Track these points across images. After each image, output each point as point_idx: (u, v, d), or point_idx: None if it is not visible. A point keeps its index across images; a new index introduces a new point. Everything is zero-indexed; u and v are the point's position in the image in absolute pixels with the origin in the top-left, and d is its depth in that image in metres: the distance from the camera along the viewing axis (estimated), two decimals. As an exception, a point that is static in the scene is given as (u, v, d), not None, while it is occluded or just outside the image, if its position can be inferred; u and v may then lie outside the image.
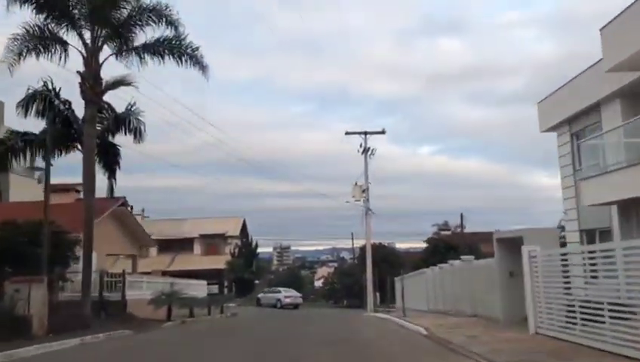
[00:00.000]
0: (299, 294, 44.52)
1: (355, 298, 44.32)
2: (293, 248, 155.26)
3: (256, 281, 57.49)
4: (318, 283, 79.51)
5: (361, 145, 30.30)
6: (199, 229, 53.73)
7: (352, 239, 57.32)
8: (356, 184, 30.32)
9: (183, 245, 54.08)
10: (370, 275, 30.34)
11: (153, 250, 53.22)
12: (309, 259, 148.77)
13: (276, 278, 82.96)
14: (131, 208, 32.34)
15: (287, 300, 42.35)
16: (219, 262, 49.22)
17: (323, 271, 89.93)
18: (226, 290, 49.42)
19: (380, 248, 49.86)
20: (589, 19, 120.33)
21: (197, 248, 53.29)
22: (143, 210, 58.59)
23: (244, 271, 46.72)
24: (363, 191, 30.24)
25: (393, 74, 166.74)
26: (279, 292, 44.01)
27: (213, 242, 52.97)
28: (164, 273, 47.60)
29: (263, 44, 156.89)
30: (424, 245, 49.26)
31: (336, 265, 70.53)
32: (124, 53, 18.08)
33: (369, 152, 29.89)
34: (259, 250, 63.88)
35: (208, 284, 50.23)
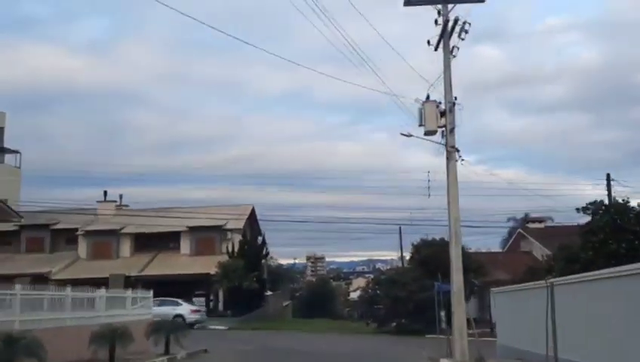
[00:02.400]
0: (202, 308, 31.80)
1: (410, 318, 28.95)
2: (328, 259, 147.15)
3: (269, 293, 42.53)
4: (355, 295, 64.50)
5: (437, 23, 15.15)
6: (189, 220, 39.32)
7: (400, 238, 41.89)
8: (427, 100, 15.08)
9: (166, 242, 39.74)
10: (460, 275, 14.94)
11: (125, 249, 39.02)
12: (344, 270, 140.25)
13: (306, 289, 68.51)
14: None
15: (193, 316, 29.09)
16: (213, 265, 34.48)
17: (359, 283, 75.00)
18: (219, 305, 34.74)
19: (438, 245, 34.56)
20: (633, 24, 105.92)
21: (185, 246, 38.80)
22: (120, 197, 44.74)
23: (245, 278, 31.85)
24: (441, 113, 14.97)
25: (429, 83, 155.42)
26: (179, 304, 29.60)
27: (206, 237, 38.37)
28: (128, 279, 33.24)
29: (298, 55, 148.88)
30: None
31: (372, 276, 54.56)
32: None
33: (458, 29, 14.64)
34: (288, 260, 49.95)
35: (195, 296, 35.88)
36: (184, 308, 29.34)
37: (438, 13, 15.10)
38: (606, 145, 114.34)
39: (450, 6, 15.08)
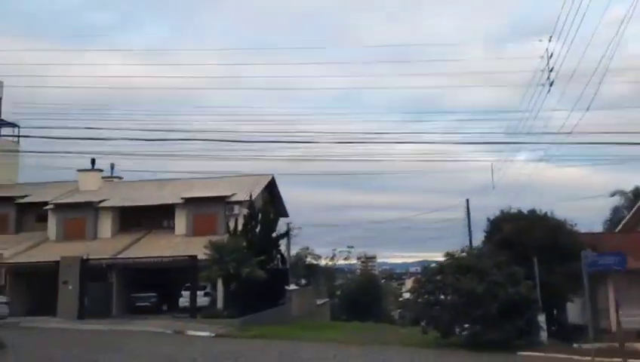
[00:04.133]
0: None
1: (490, 323, 18.48)
2: (379, 260, 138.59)
3: (292, 287, 32.82)
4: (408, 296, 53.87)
5: None
6: (186, 192, 30.22)
7: (468, 212, 31.13)
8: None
9: (158, 219, 30.76)
10: None
11: (106, 227, 30.26)
12: (397, 271, 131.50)
13: (348, 286, 58.28)
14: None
15: None
16: (211, 248, 25.05)
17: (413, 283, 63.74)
18: (218, 301, 25.21)
19: (525, 218, 24.31)
20: None
21: (180, 223, 29.62)
22: (111, 167, 36.17)
23: (247, 264, 22.25)
24: None
25: (485, 81, 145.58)
26: None
27: (207, 213, 29.04)
28: (86, 265, 24.26)
29: (353, 56, 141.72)
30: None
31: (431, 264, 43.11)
32: None
33: None
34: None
35: (191, 289, 26.27)
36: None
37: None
38: None
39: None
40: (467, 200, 31.67)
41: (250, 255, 23.32)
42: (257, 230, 25.43)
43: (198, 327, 20.59)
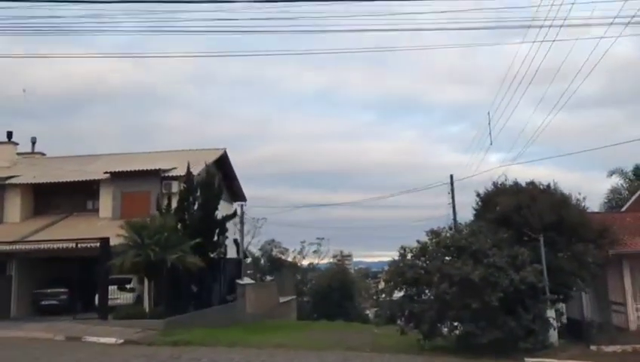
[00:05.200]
0: None
1: (488, 321, 13.92)
2: (355, 259, 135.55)
3: (245, 281, 27.81)
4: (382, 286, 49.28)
5: None
6: (115, 166, 25.02)
7: (452, 188, 26.47)
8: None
9: (81, 199, 25.50)
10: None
11: (14, 209, 24.83)
12: (372, 270, 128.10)
13: (318, 281, 53.12)
14: None
15: None
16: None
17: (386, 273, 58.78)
18: (145, 298, 20.07)
19: (524, 191, 19.90)
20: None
21: (106, 204, 24.38)
22: (33, 142, 30.67)
23: (176, 249, 17.23)
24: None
25: (459, 80, 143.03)
26: None
27: (139, 192, 23.83)
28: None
29: (326, 54, 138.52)
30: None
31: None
32: None
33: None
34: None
35: (101, 284, 20.72)
36: None
37: None
38: None
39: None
40: (451, 176, 27.21)
41: (182, 239, 18.34)
42: (195, 209, 20.43)
43: (105, 332, 15.56)
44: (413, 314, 14.52)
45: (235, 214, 24.21)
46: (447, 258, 14.30)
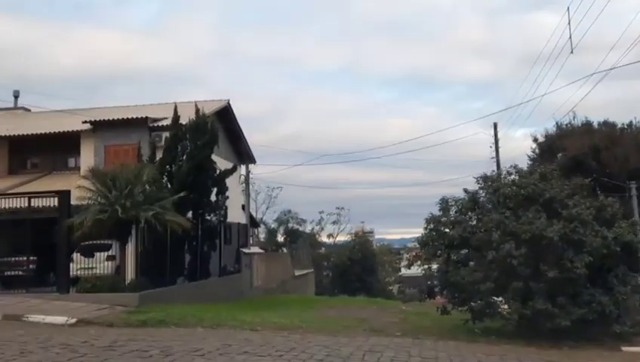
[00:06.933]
0: None
1: (561, 296, 9.98)
2: (377, 236, 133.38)
3: (251, 250, 24.23)
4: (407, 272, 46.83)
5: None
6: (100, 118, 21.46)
7: (495, 135, 22.24)
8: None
9: (62, 155, 22.16)
10: None
11: None
12: (395, 246, 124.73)
13: (337, 254, 49.23)
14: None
15: None
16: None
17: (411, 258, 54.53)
18: (128, 266, 16.64)
19: (599, 132, 15.75)
20: None
21: (88, 157, 20.87)
22: (15, 97, 27.37)
23: (154, 205, 13.59)
24: None
25: (482, 55, 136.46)
26: None
27: (124, 145, 20.27)
28: None
29: (347, 29, 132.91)
30: None
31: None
32: None
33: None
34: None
35: (58, 248, 16.70)
36: None
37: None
38: None
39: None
40: (495, 124, 22.84)
41: (163, 194, 14.72)
42: (183, 160, 16.76)
43: (58, 309, 12.09)
44: (460, 286, 10.65)
45: (235, 169, 20.45)
46: (508, 210, 10.36)
